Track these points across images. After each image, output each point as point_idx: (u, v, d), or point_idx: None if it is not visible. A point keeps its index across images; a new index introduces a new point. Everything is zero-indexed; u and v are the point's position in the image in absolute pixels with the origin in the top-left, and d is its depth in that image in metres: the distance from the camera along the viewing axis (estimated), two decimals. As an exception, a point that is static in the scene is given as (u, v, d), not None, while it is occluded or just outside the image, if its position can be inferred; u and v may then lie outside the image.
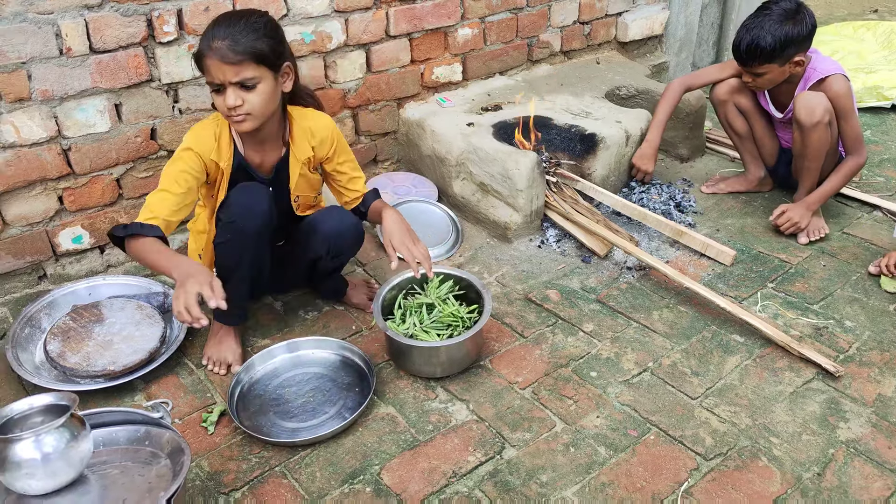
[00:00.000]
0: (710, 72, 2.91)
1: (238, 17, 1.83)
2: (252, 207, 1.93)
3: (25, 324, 2.16)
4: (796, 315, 2.30)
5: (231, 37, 1.78)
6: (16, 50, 2.03)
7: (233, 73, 1.79)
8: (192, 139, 1.92)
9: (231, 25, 1.80)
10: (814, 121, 2.50)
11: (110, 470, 1.52)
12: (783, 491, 1.71)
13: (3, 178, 2.14)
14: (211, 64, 1.79)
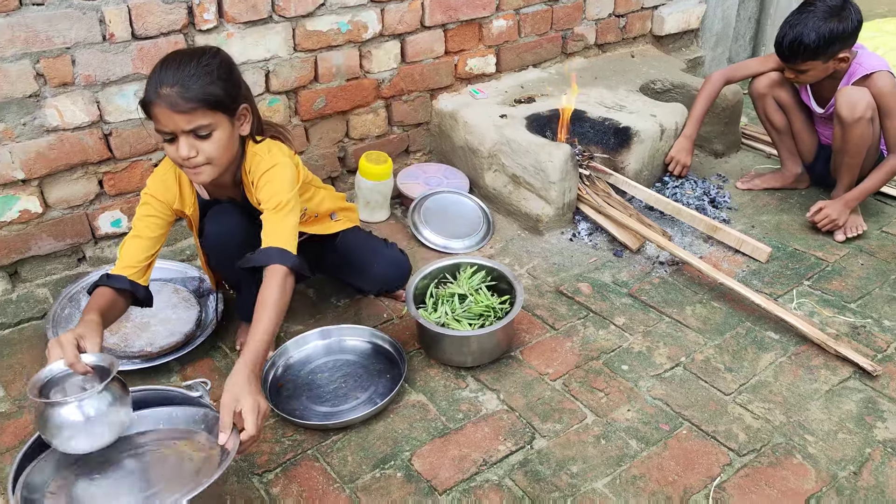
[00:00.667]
0: (750, 64, 2.88)
1: (188, 58, 1.67)
2: (227, 238, 1.90)
3: (65, 304, 2.20)
4: (833, 313, 2.27)
5: (181, 82, 1.62)
6: (61, 35, 2.06)
7: (185, 121, 1.63)
8: (155, 187, 1.83)
9: (180, 69, 1.63)
10: (855, 116, 2.45)
11: (163, 449, 1.54)
12: (818, 489, 1.69)
13: (47, 161, 2.18)
14: (160, 112, 1.63)
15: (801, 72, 2.56)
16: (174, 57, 1.69)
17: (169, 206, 1.84)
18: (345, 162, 2.86)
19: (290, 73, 2.53)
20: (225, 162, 1.75)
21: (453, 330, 2.02)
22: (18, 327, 2.21)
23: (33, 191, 2.20)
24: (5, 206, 2.17)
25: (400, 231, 2.71)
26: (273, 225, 1.74)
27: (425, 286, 2.17)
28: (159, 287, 2.23)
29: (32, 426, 1.85)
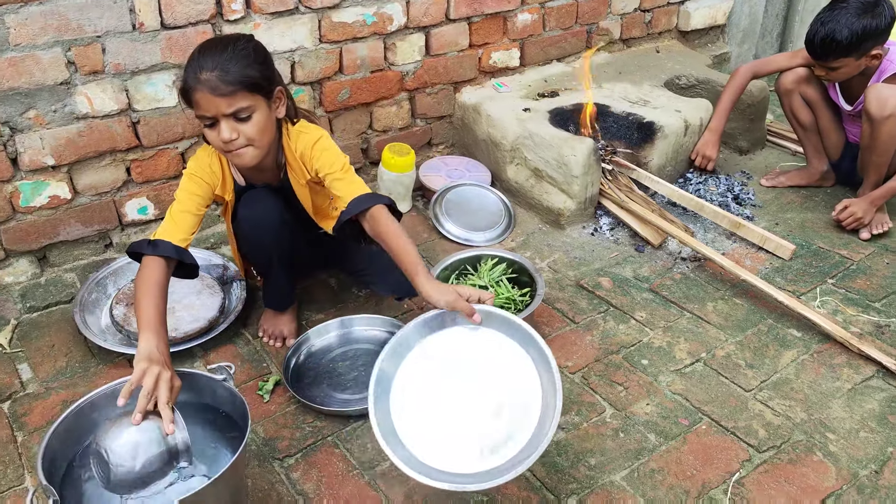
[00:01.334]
0: (778, 59, 2.85)
1: (224, 44, 1.71)
2: (261, 222, 1.92)
3: (92, 289, 2.24)
4: (857, 312, 2.25)
5: (220, 66, 1.65)
6: (92, 24, 2.10)
7: (225, 104, 1.67)
8: (200, 170, 1.86)
9: (218, 54, 1.67)
10: (885, 114, 2.42)
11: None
12: (838, 487, 1.68)
13: (76, 147, 2.22)
14: (200, 97, 1.67)
15: (832, 69, 2.53)
16: (211, 43, 1.74)
17: (211, 190, 1.88)
18: (367, 153, 2.88)
19: (315, 64, 2.55)
20: (266, 143, 1.79)
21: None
22: (47, 310, 2.25)
23: (63, 177, 2.24)
24: (35, 192, 2.21)
25: (421, 223, 2.72)
26: (349, 183, 1.80)
27: (446, 277, 2.18)
28: (184, 274, 2.26)
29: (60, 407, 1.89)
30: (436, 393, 1.54)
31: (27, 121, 2.12)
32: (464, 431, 1.48)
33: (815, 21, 2.51)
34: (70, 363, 2.05)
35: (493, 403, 1.51)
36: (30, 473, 1.72)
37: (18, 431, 1.83)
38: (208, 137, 1.76)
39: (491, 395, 1.52)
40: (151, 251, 1.69)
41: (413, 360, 1.60)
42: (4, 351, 2.09)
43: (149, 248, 1.70)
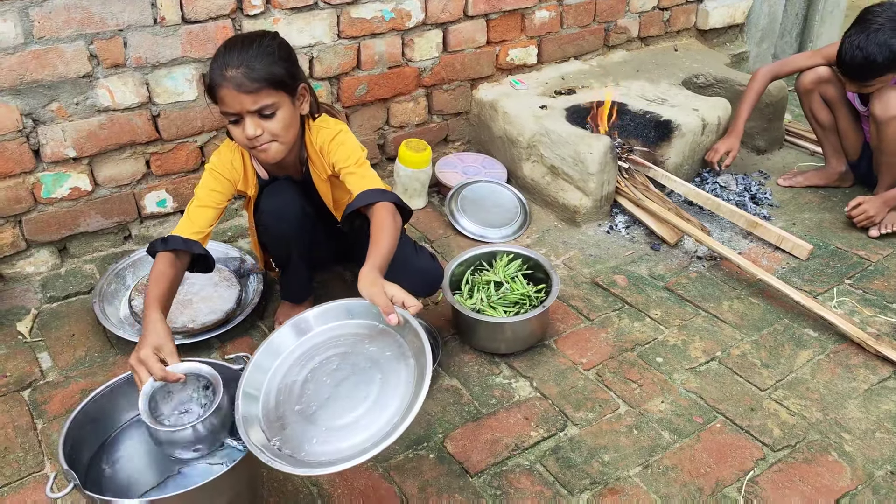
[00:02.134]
0: (798, 60, 2.83)
1: (249, 41, 1.73)
2: (282, 213, 1.93)
3: (112, 280, 2.27)
4: (874, 313, 2.24)
5: (245, 63, 1.67)
6: (114, 18, 2.12)
7: (250, 101, 1.69)
8: (221, 166, 1.88)
9: (243, 51, 1.69)
10: (888, 115, 2.42)
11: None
12: (853, 487, 1.67)
13: (98, 140, 2.24)
14: (226, 94, 1.69)
15: (867, 86, 2.50)
16: (236, 40, 1.75)
17: (232, 185, 1.89)
18: (384, 149, 2.89)
19: (333, 60, 2.56)
20: (290, 140, 1.81)
21: (488, 316, 2.04)
22: (66, 301, 2.28)
23: (84, 169, 2.27)
24: (57, 183, 2.24)
25: (437, 219, 2.73)
26: (361, 178, 1.81)
27: (461, 273, 2.19)
28: (202, 266, 2.29)
29: (79, 395, 1.92)
30: (311, 379, 1.47)
31: (50, 113, 2.14)
32: (327, 422, 1.40)
33: (848, 45, 2.43)
34: (89, 353, 2.08)
35: (362, 399, 1.40)
36: (49, 460, 1.75)
37: (38, 419, 1.86)
38: (233, 134, 1.78)
39: (363, 390, 1.42)
40: (162, 247, 1.72)
41: (310, 339, 1.54)
42: (25, 340, 2.12)
43: (161, 244, 1.72)
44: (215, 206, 1.84)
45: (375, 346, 1.47)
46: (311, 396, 1.42)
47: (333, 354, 1.49)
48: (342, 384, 1.42)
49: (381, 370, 1.42)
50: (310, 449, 1.33)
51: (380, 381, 1.40)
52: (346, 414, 1.36)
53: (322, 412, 1.38)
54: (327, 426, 1.36)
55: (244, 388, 1.44)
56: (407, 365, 1.41)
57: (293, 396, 1.43)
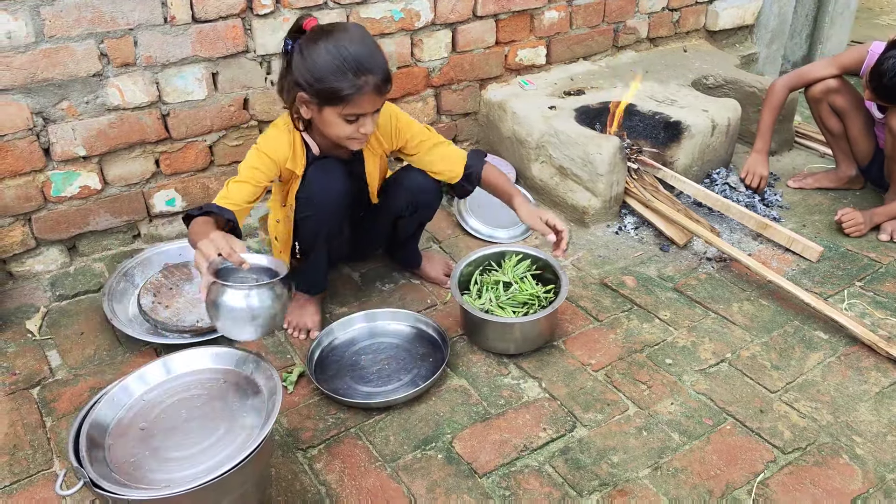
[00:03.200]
0: (813, 70, 2.78)
1: (370, 39, 1.79)
2: (329, 186, 1.96)
3: (120, 278, 2.27)
4: (885, 315, 2.22)
5: (382, 68, 1.77)
6: (125, 16, 2.13)
7: (380, 102, 1.81)
8: (270, 147, 1.90)
9: (375, 55, 1.76)
10: None
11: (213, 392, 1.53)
12: (864, 490, 1.66)
13: (107, 139, 2.25)
14: (366, 99, 1.75)
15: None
16: (362, 41, 1.76)
17: (277, 166, 1.91)
18: (393, 149, 2.89)
19: (342, 60, 2.56)
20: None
21: (497, 316, 2.03)
22: (75, 299, 2.29)
23: (93, 167, 2.28)
24: (67, 182, 2.25)
25: (445, 219, 2.72)
26: (449, 146, 2.10)
27: (470, 273, 2.19)
28: (210, 265, 2.29)
29: (88, 393, 1.92)
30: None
31: (60, 112, 2.15)
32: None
33: (886, 70, 2.37)
34: (98, 351, 2.08)
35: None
36: (58, 458, 1.75)
37: (47, 417, 1.86)
38: (340, 130, 1.82)
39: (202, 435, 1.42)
40: (198, 212, 1.73)
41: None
42: (34, 338, 2.13)
43: (196, 210, 1.74)
44: (255, 183, 1.87)
45: (239, 403, 1.47)
46: (161, 421, 1.43)
47: (205, 394, 1.49)
48: (192, 422, 1.42)
49: (228, 423, 1.42)
50: (130, 465, 1.34)
51: (221, 434, 1.40)
52: (181, 448, 1.37)
53: (161, 438, 1.39)
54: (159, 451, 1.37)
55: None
56: (250, 434, 1.40)
57: (147, 414, 1.44)
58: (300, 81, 1.77)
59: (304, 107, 1.83)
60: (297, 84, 1.78)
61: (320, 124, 1.86)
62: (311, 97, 1.78)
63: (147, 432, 1.39)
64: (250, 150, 1.91)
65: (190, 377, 1.52)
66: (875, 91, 2.44)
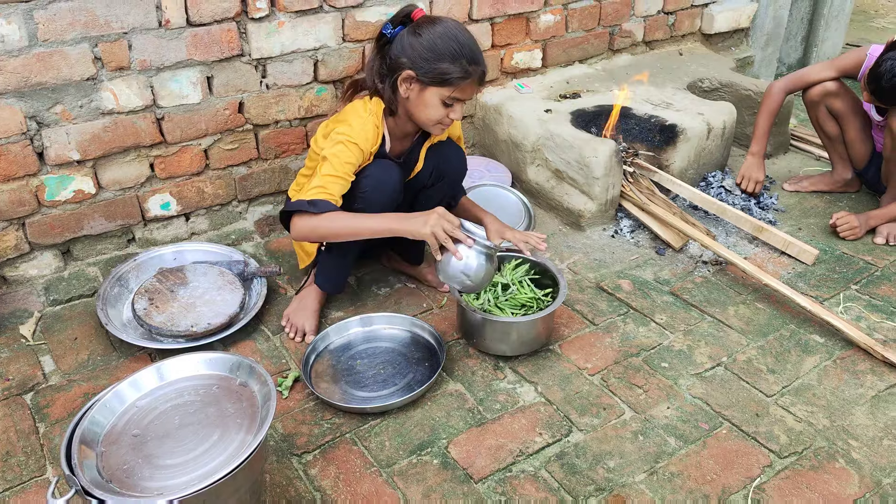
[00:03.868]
0: (812, 73, 2.77)
1: (469, 34, 1.91)
2: (385, 182, 1.99)
3: (115, 283, 2.26)
4: (881, 318, 2.22)
5: (484, 61, 1.92)
6: (119, 20, 2.12)
7: (476, 93, 1.97)
8: (363, 137, 1.95)
9: (477, 47, 1.91)
10: None
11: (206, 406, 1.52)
12: (861, 494, 1.66)
13: (102, 142, 2.24)
14: (469, 86, 1.91)
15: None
16: (471, 35, 1.91)
17: (364, 157, 1.97)
18: (388, 153, 2.88)
19: (338, 63, 2.56)
20: None
21: (496, 315, 2.03)
22: (69, 304, 2.28)
23: (87, 171, 2.27)
24: (61, 186, 2.24)
25: (441, 223, 2.71)
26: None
27: (466, 277, 2.18)
28: (205, 270, 2.28)
29: (82, 399, 1.91)
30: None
31: (54, 116, 2.14)
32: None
33: (885, 70, 2.36)
34: (92, 356, 2.07)
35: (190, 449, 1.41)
36: (51, 464, 1.74)
37: (40, 423, 1.85)
38: (434, 112, 1.93)
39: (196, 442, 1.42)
40: (324, 208, 1.87)
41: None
42: (28, 343, 2.12)
43: (311, 206, 1.87)
44: (348, 178, 1.94)
45: (233, 409, 1.46)
46: (154, 427, 1.42)
47: (198, 400, 1.49)
48: (185, 428, 1.42)
49: (222, 430, 1.42)
50: (123, 472, 1.33)
51: (214, 441, 1.40)
52: (174, 456, 1.37)
53: (154, 445, 1.38)
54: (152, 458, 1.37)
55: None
56: (244, 441, 1.39)
57: (140, 421, 1.44)
58: (409, 60, 1.87)
59: (406, 85, 1.92)
60: (402, 64, 1.89)
61: (416, 105, 1.94)
62: (419, 76, 1.88)
63: (140, 439, 1.38)
64: (337, 143, 1.93)
65: (183, 383, 1.51)
66: (874, 93, 2.44)
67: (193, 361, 1.53)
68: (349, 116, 2.00)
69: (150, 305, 2.13)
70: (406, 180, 2.13)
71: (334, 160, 1.91)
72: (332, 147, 1.93)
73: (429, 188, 2.17)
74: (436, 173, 2.15)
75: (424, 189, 2.17)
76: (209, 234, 2.57)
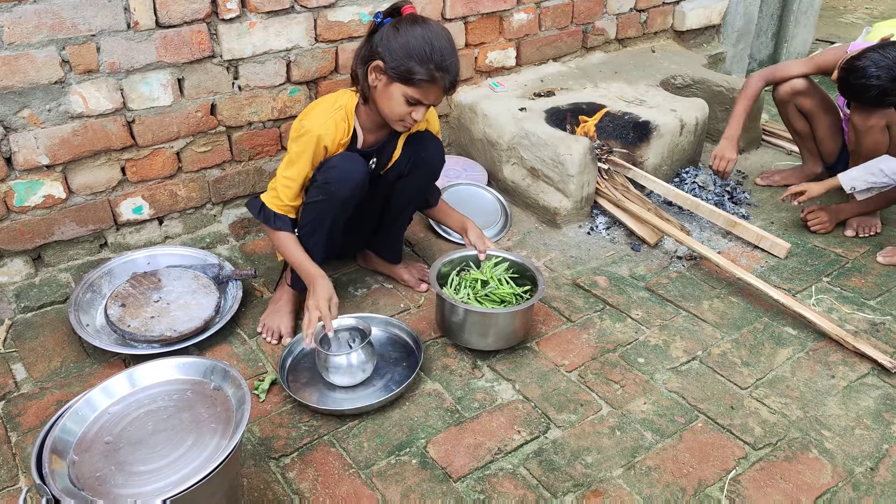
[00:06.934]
0: (791, 67, 2.79)
1: (454, 45, 1.92)
2: (350, 174, 1.99)
3: (87, 289, 2.23)
4: (852, 310, 2.26)
5: (456, 73, 1.92)
6: (87, 23, 2.09)
7: (440, 99, 1.96)
8: (323, 128, 1.97)
9: (456, 58, 1.91)
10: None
11: (180, 404, 1.50)
12: (834, 483, 1.68)
13: (71, 147, 2.21)
14: (433, 91, 1.90)
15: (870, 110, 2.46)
16: (450, 42, 1.90)
17: (328, 147, 2.00)
18: (363, 153, 2.88)
19: (311, 64, 2.54)
20: None
21: (477, 307, 2.03)
22: (41, 311, 2.25)
23: (57, 176, 2.24)
24: (30, 191, 2.21)
25: (419, 223, 2.72)
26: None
27: (447, 273, 2.18)
28: (179, 273, 2.26)
29: (54, 407, 1.88)
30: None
31: (21, 120, 2.11)
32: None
33: (857, 68, 2.33)
34: (65, 363, 2.05)
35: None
36: (24, 474, 1.71)
37: (12, 432, 1.82)
38: (399, 110, 1.94)
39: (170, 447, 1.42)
40: (283, 227, 2.03)
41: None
42: (-1, 351, 2.09)
43: (278, 223, 2.03)
44: (305, 182, 2.02)
45: (207, 413, 1.46)
46: (126, 434, 1.41)
47: (171, 406, 1.48)
48: (159, 434, 1.41)
49: (196, 435, 1.41)
50: (96, 480, 1.32)
51: (188, 446, 1.39)
52: (148, 462, 1.36)
53: (127, 451, 1.38)
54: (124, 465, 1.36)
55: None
56: (218, 445, 1.39)
57: (113, 428, 1.43)
58: (383, 52, 1.88)
59: (374, 75, 1.92)
60: (377, 53, 1.89)
61: (381, 96, 1.95)
62: (387, 69, 1.88)
63: (113, 446, 1.37)
64: (301, 145, 1.96)
65: (156, 389, 1.49)
66: (840, 81, 2.45)
67: (166, 366, 1.52)
68: (314, 110, 2.03)
69: (123, 311, 2.10)
70: (383, 170, 2.14)
71: (295, 161, 1.98)
72: (290, 145, 2.01)
73: (406, 177, 2.16)
74: (413, 162, 2.14)
75: (401, 178, 2.17)
76: (183, 237, 2.54)
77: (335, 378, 1.93)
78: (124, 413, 1.44)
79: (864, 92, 2.35)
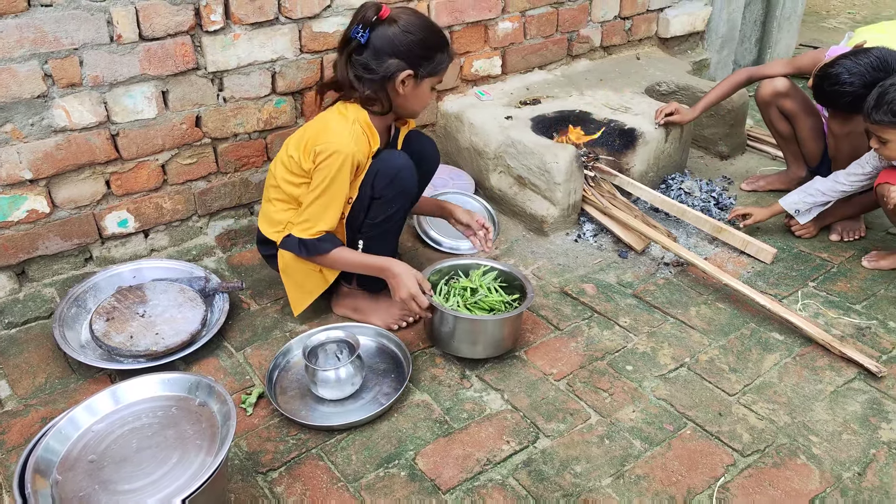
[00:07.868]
0: (770, 67, 2.82)
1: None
2: (409, 170, 2.03)
3: (72, 304, 2.21)
4: (838, 314, 2.27)
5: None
6: (69, 36, 2.08)
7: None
8: (352, 146, 1.93)
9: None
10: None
11: (163, 420, 1.50)
12: (822, 489, 1.69)
13: (55, 161, 2.19)
14: (449, 69, 2.05)
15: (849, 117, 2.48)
16: (430, 20, 2.02)
17: (366, 160, 2.00)
18: (350, 163, 2.87)
19: (296, 75, 2.54)
20: None
21: (466, 314, 2.03)
22: (25, 326, 2.23)
23: (41, 191, 2.22)
24: (13, 206, 2.19)
25: (406, 232, 2.71)
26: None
27: (436, 281, 2.18)
28: (165, 287, 2.24)
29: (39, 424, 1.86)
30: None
31: (4, 134, 2.09)
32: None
33: (831, 74, 2.35)
34: (49, 379, 2.03)
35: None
36: (7, 493, 1.69)
37: (-3, 450, 1.81)
38: (427, 99, 2.04)
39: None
40: (329, 247, 2.01)
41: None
42: (-18, 368, 2.06)
43: (324, 245, 2.00)
44: (346, 201, 2.02)
45: (192, 430, 1.46)
46: (111, 452, 1.41)
47: (156, 423, 1.48)
48: (143, 452, 1.41)
49: (181, 452, 1.41)
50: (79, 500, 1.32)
51: (173, 463, 1.39)
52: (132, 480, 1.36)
53: (111, 470, 1.37)
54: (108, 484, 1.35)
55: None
56: (204, 462, 1.39)
57: (97, 446, 1.43)
58: (404, 59, 1.90)
59: (403, 85, 1.93)
60: (392, 64, 1.89)
61: (412, 98, 1.99)
62: (417, 72, 1.92)
63: (96, 465, 1.35)
64: (337, 160, 1.91)
65: (140, 405, 1.48)
66: (814, 88, 2.47)
67: (150, 383, 1.51)
68: (328, 132, 1.96)
69: (108, 326, 2.09)
70: None
71: (332, 188, 1.94)
72: (315, 174, 1.95)
73: None
74: (416, 157, 2.14)
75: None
76: (169, 250, 2.53)
77: (323, 392, 1.93)
78: (108, 431, 1.43)
79: (839, 98, 2.38)
